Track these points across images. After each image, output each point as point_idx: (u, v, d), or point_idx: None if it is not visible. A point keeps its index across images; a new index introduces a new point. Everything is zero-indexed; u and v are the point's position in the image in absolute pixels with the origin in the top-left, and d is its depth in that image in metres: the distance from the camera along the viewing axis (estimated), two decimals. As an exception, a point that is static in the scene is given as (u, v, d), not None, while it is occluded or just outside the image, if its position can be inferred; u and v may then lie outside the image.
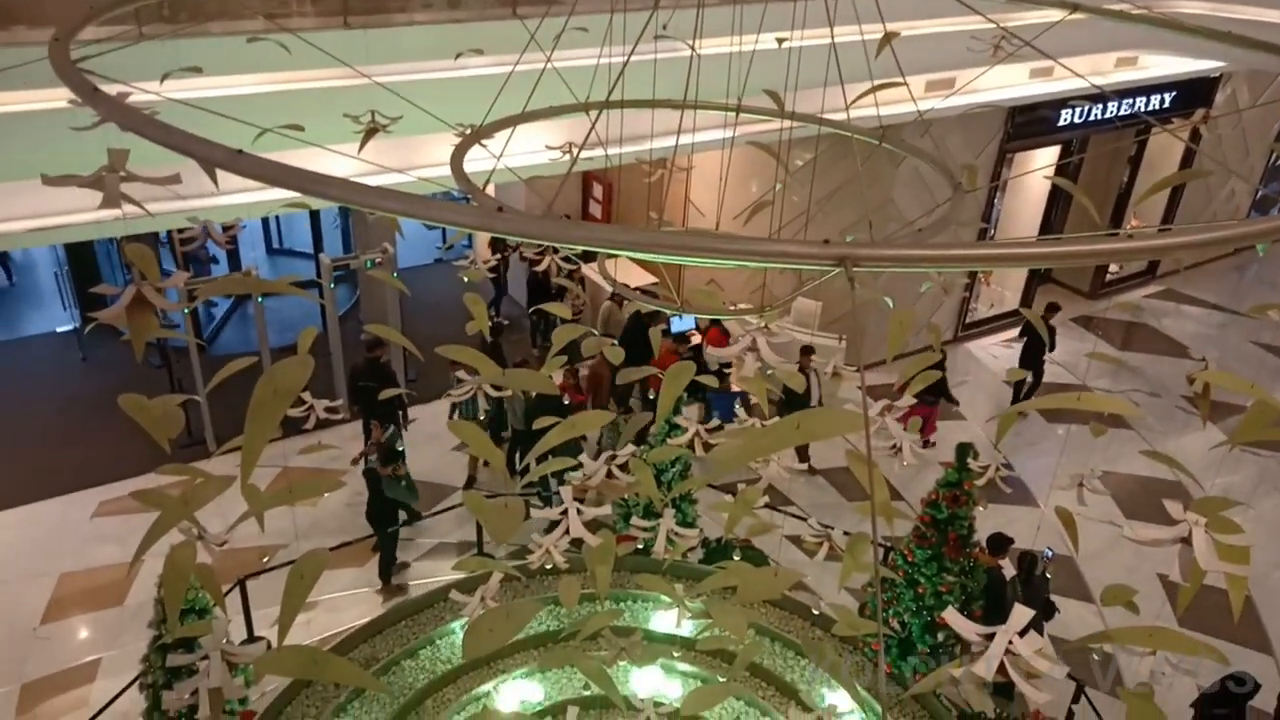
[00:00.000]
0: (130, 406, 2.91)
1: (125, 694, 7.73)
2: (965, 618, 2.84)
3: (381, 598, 9.75)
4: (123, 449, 11.35)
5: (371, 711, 7.86)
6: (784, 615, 9.15)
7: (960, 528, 7.71)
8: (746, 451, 2.17)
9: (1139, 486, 11.83)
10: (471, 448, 3.13)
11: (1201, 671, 7.27)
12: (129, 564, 2.63)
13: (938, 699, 8.09)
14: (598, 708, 7.85)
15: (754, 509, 4.80)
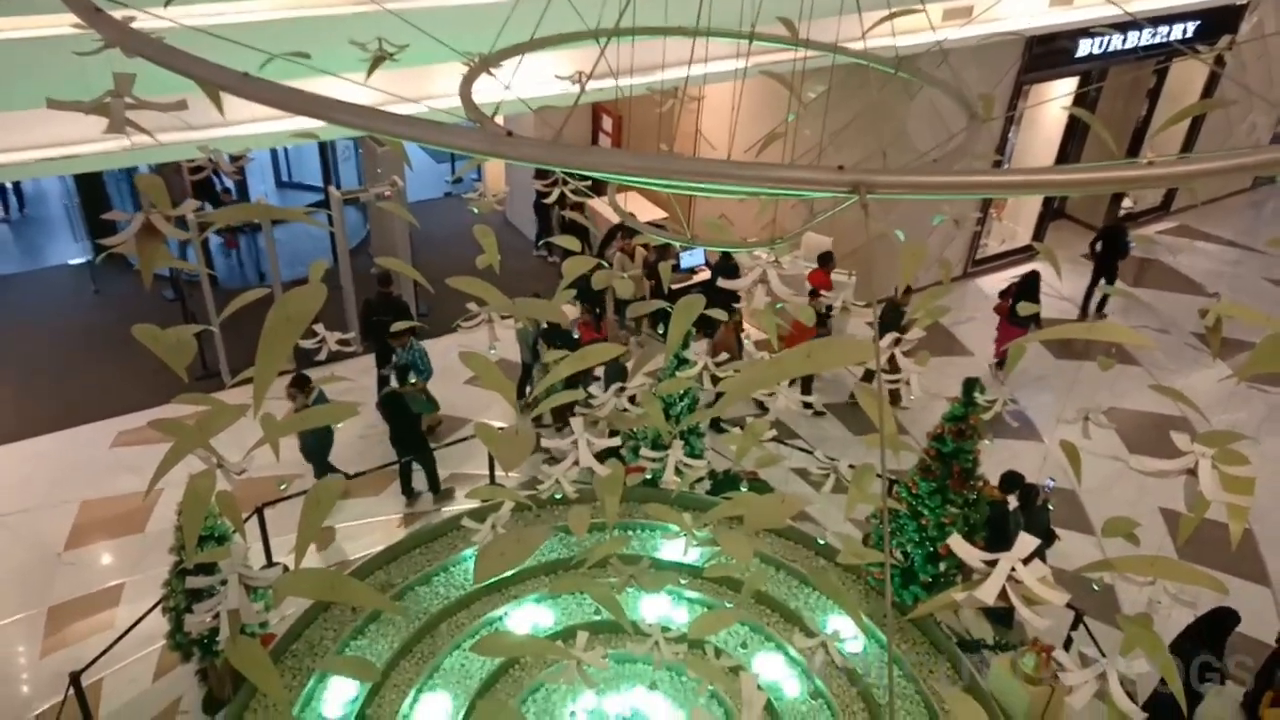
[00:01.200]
0: (144, 336, 2.95)
1: (149, 617, 7.96)
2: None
3: (396, 525, 9.92)
4: (138, 381, 11.48)
5: (387, 635, 8.07)
6: (789, 545, 9.31)
7: (965, 461, 7.78)
8: (755, 381, 2.20)
9: (1144, 422, 11.86)
10: (482, 381, 3.16)
11: (1200, 603, 7.38)
12: (147, 490, 2.70)
13: (938, 627, 8.26)
14: (607, 632, 8.04)
15: (761, 441, 4.85)
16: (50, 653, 8.34)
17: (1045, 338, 2.46)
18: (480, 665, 7.85)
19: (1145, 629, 2.97)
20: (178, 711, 7.79)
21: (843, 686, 7.82)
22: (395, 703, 7.49)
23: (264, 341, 2.18)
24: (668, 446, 5.87)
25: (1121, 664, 3.38)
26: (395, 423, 9.89)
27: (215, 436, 3.19)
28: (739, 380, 2.11)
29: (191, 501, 2.73)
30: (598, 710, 7.49)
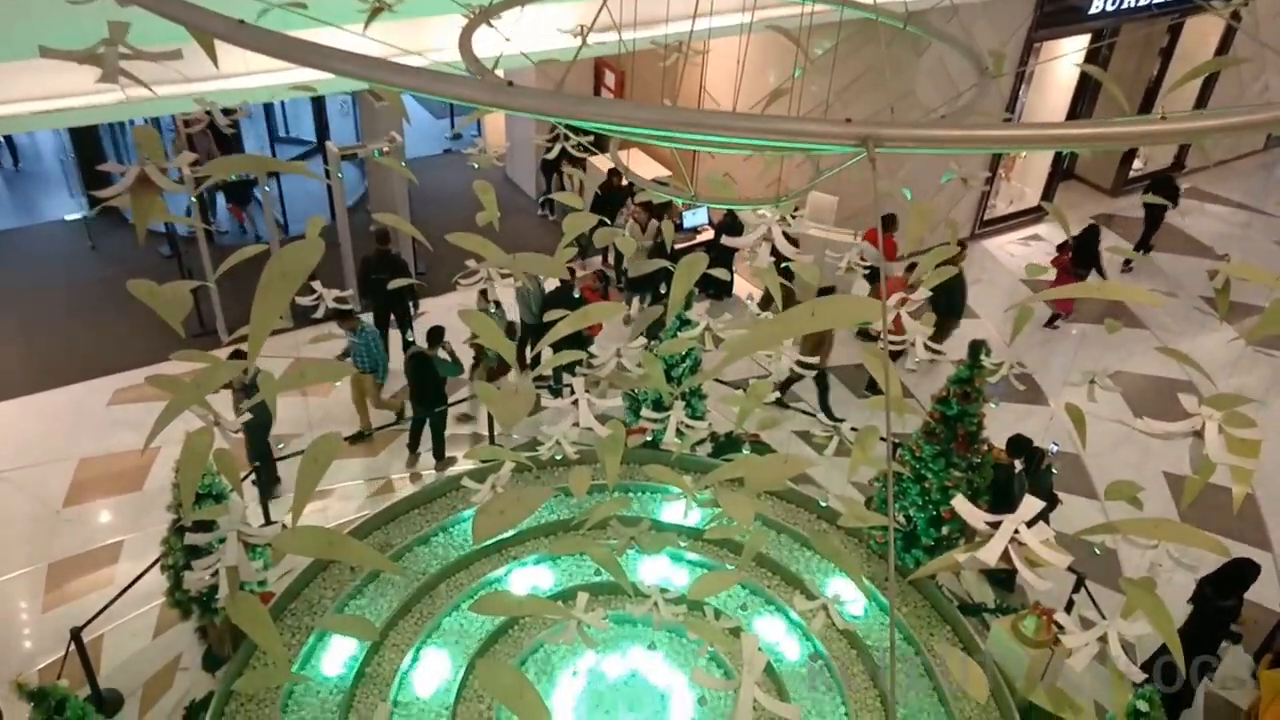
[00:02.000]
0: (140, 291, 2.89)
1: (148, 575, 7.99)
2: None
3: (395, 486, 9.92)
4: (136, 338, 11.43)
5: (386, 595, 8.10)
6: (790, 508, 9.31)
7: (969, 424, 7.74)
8: (759, 339, 2.14)
9: (1150, 385, 11.83)
10: (483, 339, 3.10)
11: (1202, 566, 7.38)
12: (144, 445, 2.65)
13: (940, 590, 8.29)
14: (607, 593, 8.07)
15: (764, 403, 4.81)
16: (51, 608, 8.38)
17: (1056, 296, 2.40)
18: (479, 625, 7.89)
19: (1147, 592, 2.94)
20: (178, 668, 7.84)
21: (843, 649, 7.86)
22: (395, 661, 7.54)
23: (259, 297, 2.13)
24: (669, 408, 5.84)
25: (1122, 626, 3.38)
26: (418, 383, 9.82)
27: (212, 394, 3.15)
28: (743, 338, 2.06)
29: (189, 459, 2.70)
30: (597, 670, 7.53)
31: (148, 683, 7.73)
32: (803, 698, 7.43)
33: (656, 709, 7.24)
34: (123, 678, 7.74)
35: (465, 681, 7.40)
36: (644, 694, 7.36)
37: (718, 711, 7.24)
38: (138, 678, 7.76)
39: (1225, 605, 7.50)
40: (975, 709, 7.41)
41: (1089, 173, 17.05)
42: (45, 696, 4.48)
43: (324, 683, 7.34)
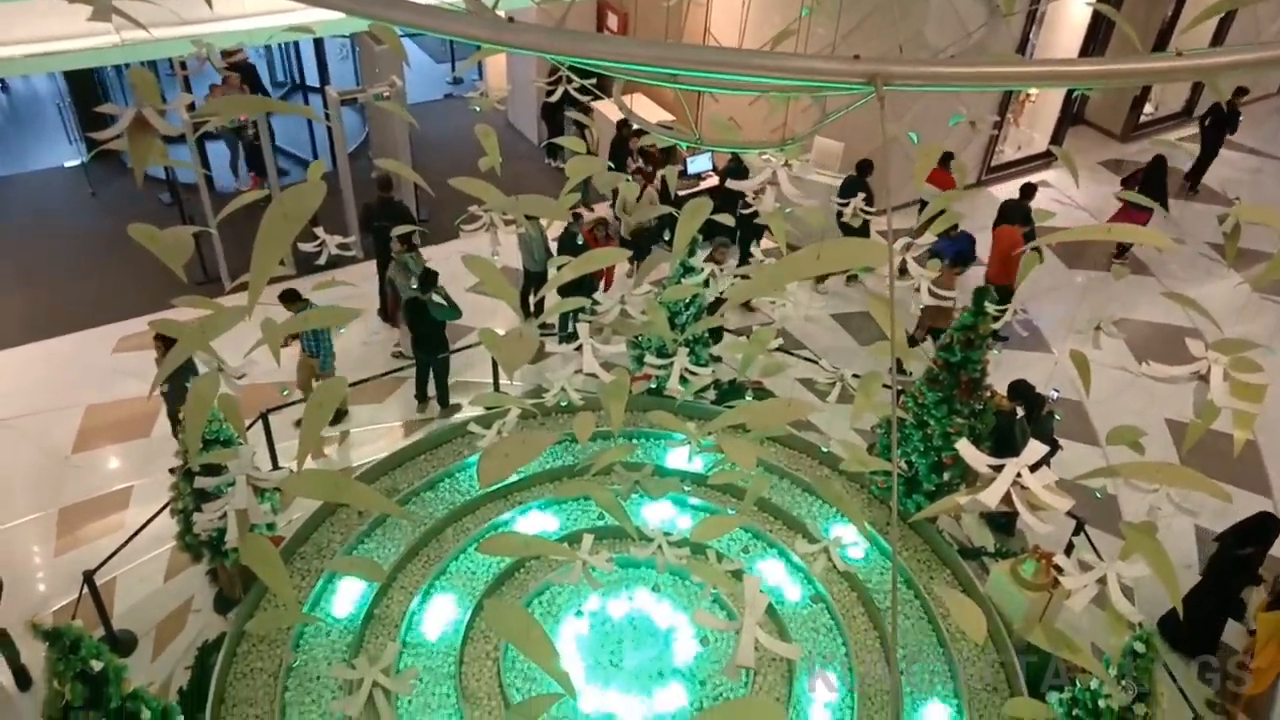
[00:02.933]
0: (141, 235, 2.87)
1: (158, 519, 8.08)
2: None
3: (401, 431, 9.98)
4: (139, 286, 11.42)
5: (394, 539, 8.20)
6: (793, 454, 9.37)
7: (972, 370, 7.74)
8: (766, 282, 2.14)
9: (1155, 333, 11.80)
10: (486, 286, 3.10)
11: (1203, 512, 7.45)
12: (150, 390, 2.67)
13: (940, 534, 8.37)
14: (611, 537, 8.16)
15: (767, 350, 4.81)
16: (63, 552, 8.50)
17: (1068, 239, 2.38)
18: (486, 568, 8.00)
19: (1147, 535, 2.97)
20: (190, 610, 7.97)
21: (844, 591, 7.96)
22: (403, 604, 7.65)
23: (260, 240, 2.12)
24: (673, 355, 5.84)
25: (1121, 568, 3.42)
26: (417, 328, 9.79)
27: (216, 341, 3.15)
28: (751, 281, 2.05)
29: (194, 405, 2.71)
30: (602, 612, 7.65)
31: (160, 624, 7.87)
32: (804, 639, 7.55)
33: (660, 650, 7.37)
34: (135, 619, 7.87)
35: (472, 622, 7.52)
36: (647, 635, 7.48)
37: (720, 652, 7.37)
38: (150, 619, 7.90)
39: (1244, 554, 7.57)
40: (974, 650, 7.53)
41: (1099, 117, 16.82)
42: (60, 636, 4.56)
43: (333, 624, 7.46)
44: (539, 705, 2.96)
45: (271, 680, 7.05)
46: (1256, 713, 7.55)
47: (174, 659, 7.54)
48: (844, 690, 7.19)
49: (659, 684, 7.12)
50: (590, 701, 6.98)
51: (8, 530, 8.56)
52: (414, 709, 6.91)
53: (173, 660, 7.53)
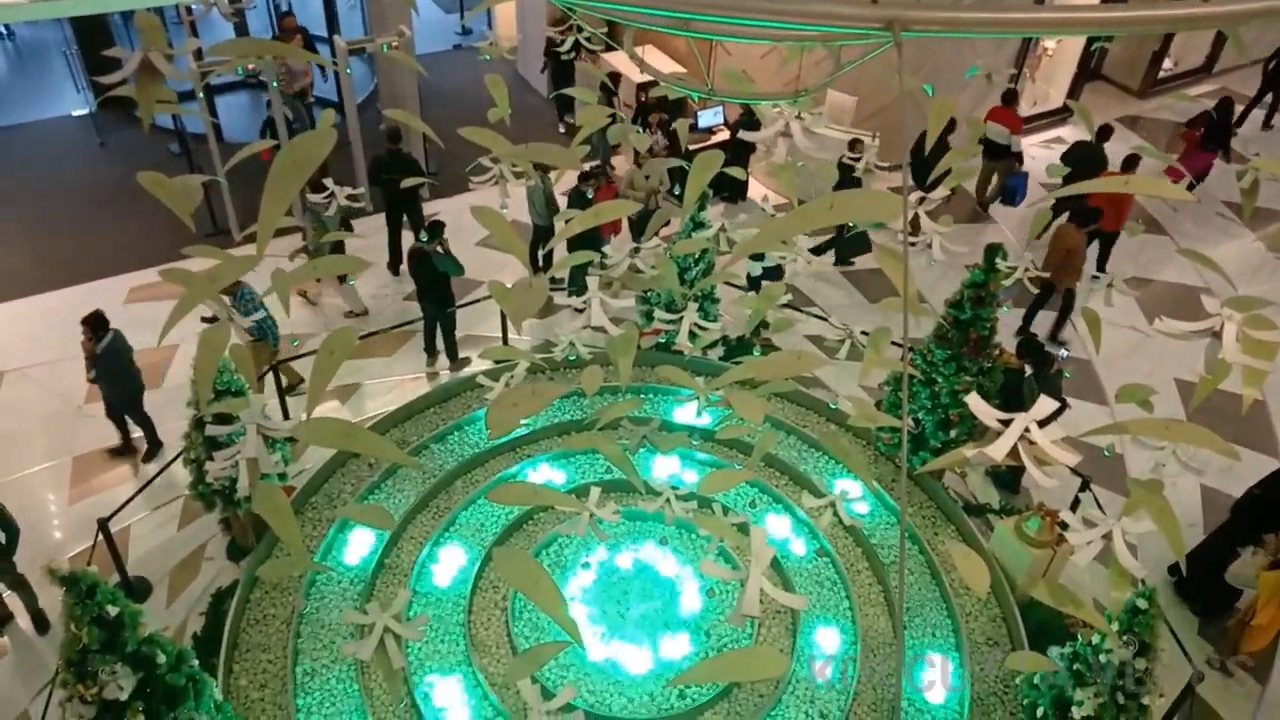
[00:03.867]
0: (150, 183, 2.87)
1: (171, 468, 8.17)
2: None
3: (411, 385, 10.02)
4: (148, 237, 11.42)
5: (404, 490, 8.28)
6: (800, 411, 9.39)
7: (982, 328, 7.71)
8: (774, 232, 2.12)
9: (1167, 292, 11.72)
10: (496, 238, 3.08)
11: (1209, 470, 7.46)
12: (159, 338, 2.68)
13: (945, 491, 8.40)
14: (619, 491, 8.22)
15: (776, 306, 4.80)
16: (78, 500, 8.61)
17: (1084, 191, 2.35)
18: (495, 520, 8.08)
19: (1154, 493, 2.98)
20: (203, 557, 8.09)
21: (848, 546, 8.02)
22: (413, 553, 7.75)
23: (270, 185, 2.12)
24: (682, 310, 5.84)
25: (1127, 524, 3.45)
26: (422, 280, 9.76)
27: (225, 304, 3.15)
28: (763, 231, 2.04)
29: (205, 353, 2.73)
30: (609, 564, 7.73)
31: (174, 571, 7.99)
32: (808, 592, 7.62)
33: (666, 601, 7.46)
34: (150, 566, 8.00)
35: (481, 572, 7.61)
36: (654, 586, 7.57)
37: (726, 604, 7.45)
38: (164, 567, 8.02)
39: (1254, 493, 7.62)
40: (976, 604, 7.60)
41: (1117, 73, 16.54)
42: (76, 581, 4.64)
43: (345, 572, 7.57)
44: (546, 652, 3.02)
45: (284, 627, 7.17)
46: (1255, 669, 7.63)
47: (188, 605, 7.67)
48: (847, 643, 7.28)
49: (664, 634, 7.21)
50: (596, 651, 7.09)
51: (23, 478, 8.66)
52: (423, 655, 7.03)
53: (187, 606, 7.66)
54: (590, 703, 6.74)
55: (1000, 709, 6.90)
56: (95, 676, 4.73)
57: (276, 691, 6.78)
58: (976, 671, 7.09)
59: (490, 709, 6.74)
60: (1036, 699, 6.09)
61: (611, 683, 6.91)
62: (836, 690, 6.96)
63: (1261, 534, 7.54)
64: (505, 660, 7.04)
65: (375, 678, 6.83)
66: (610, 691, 6.86)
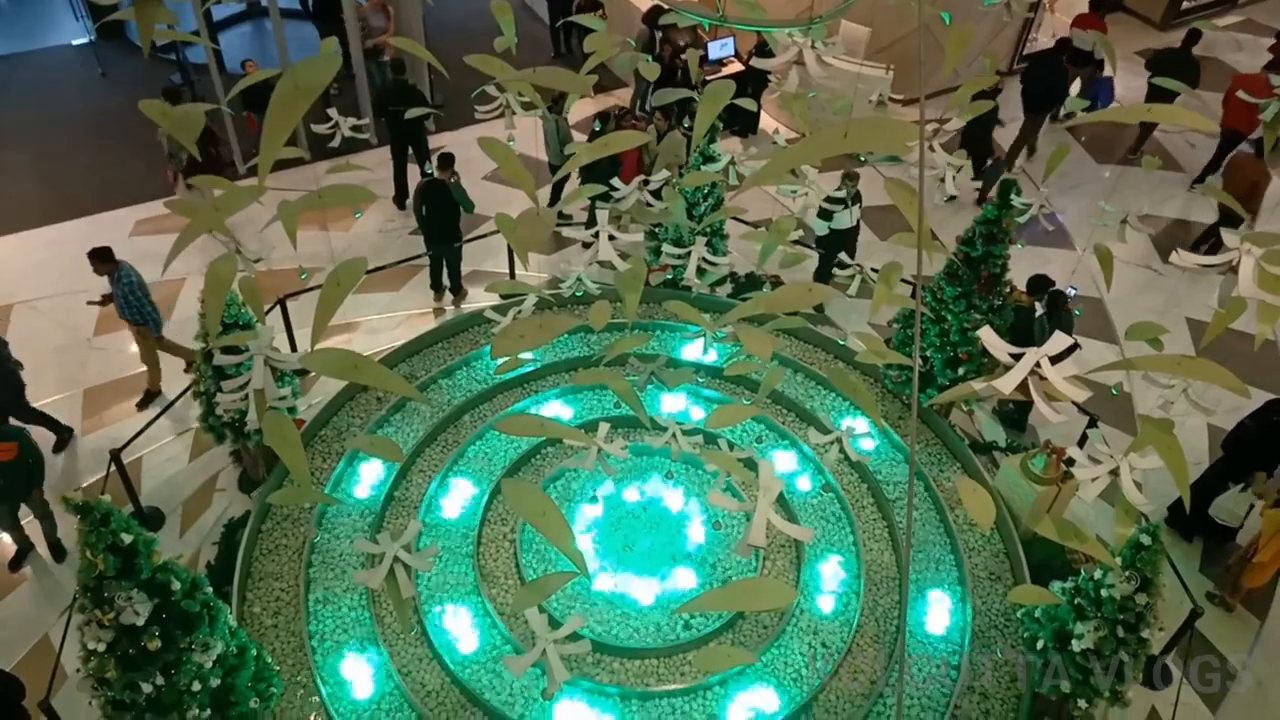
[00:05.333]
0: (151, 111, 2.83)
1: (181, 401, 8.23)
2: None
3: (418, 320, 10.01)
4: (153, 169, 11.32)
5: (412, 424, 8.33)
6: (808, 349, 9.37)
7: (993, 265, 7.64)
8: (789, 159, 2.08)
9: (1181, 230, 11.57)
10: (503, 170, 3.04)
11: (1218, 410, 7.44)
12: (163, 268, 2.66)
13: (952, 429, 8.42)
14: (626, 427, 8.25)
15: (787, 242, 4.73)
16: (90, 432, 8.69)
17: (1108, 119, 2.29)
18: (503, 454, 8.14)
19: (1164, 430, 2.97)
20: (215, 489, 8.19)
21: (853, 482, 8.08)
22: (421, 486, 7.83)
23: (272, 111, 2.08)
24: (690, 245, 5.78)
25: (1134, 460, 3.43)
26: (430, 215, 9.66)
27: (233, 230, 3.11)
28: (774, 160, 2.00)
29: (213, 284, 2.71)
30: (616, 498, 7.80)
31: (186, 502, 8.09)
32: (813, 527, 7.70)
33: (672, 535, 7.54)
34: (162, 497, 8.10)
35: (490, 505, 7.70)
36: (661, 521, 7.65)
37: (732, 538, 7.54)
38: (176, 498, 8.13)
39: (1246, 424, 7.64)
40: (980, 540, 7.67)
41: (1137, 3, 16.09)
42: (91, 510, 4.70)
43: (355, 505, 7.66)
44: (553, 582, 3.05)
45: (296, 556, 7.28)
46: (1254, 605, 7.72)
47: (200, 535, 7.79)
48: (850, 576, 7.37)
49: (670, 567, 7.31)
50: (603, 583, 7.19)
51: (36, 409, 8.73)
52: (433, 586, 7.15)
53: (199, 536, 7.78)
54: (597, 632, 6.87)
55: (1001, 641, 7.01)
56: (112, 602, 4.82)
57: (290, 619, 6.92)
58: (978, 605, 7.19)
59: (499, 637, 6.87)
60: (1037, 632, 6.18)
61: (618, 614, 7.03)
62: (839, 622, 7.08)
63: (1251, 469, 7.58)
64: (513, 591, 7.16)
65: (386, 606, 6.96)
66: (616, 622, 6.98)
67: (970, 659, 6.85)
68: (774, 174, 2.17)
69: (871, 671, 6.81)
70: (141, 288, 8.47)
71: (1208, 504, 8.06)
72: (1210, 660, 7.34)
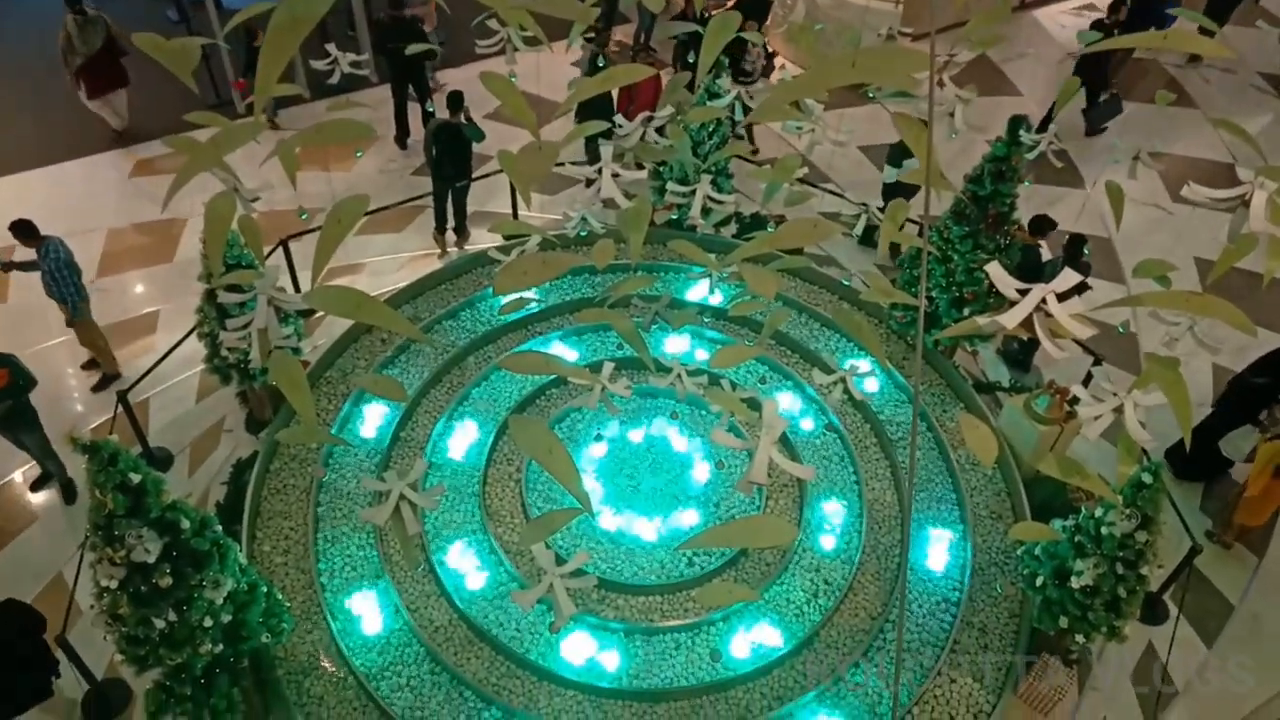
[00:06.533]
0: (146, 44, 2.77)
1: (187, 343, 8.23)
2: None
3: (421, 261, 9.97)
4: (150, 108, 11.19)
5: (417, 365, 8.35)
6: (812, 290, 9.33)
7: (1001, 204, 7.55)
8: (797, 88, 2.03)
9: (1191, 168, 11.42)
10: (506, 107, 2.98)
11: (1223, 349, 7.41)
12: (163, 206, 2.64)
13: (956, 369, 8.42)
14: (631, 368, 8.26)
15: (792, 180, 4.68)
16: (97, 373, 8.71)
17: (1121, 45, 2.24)
18: (508, 395, 8.16)
19: (1169, 368, 2.95)
20: (222, 430, 8.24)
21: (857, 422, 8.11)
22: (427, 427, 7.87)
23: (268, 42, 2.04)
24: (695, 183, 5.72)
25: (1138, 397, 3.44)
26: (442, 155, 9.52)
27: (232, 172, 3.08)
28: (781, 88, 1.96)
29: (213, 222, 2.69)
30: (620, 437, 7.84)
31: (194, 443, 8.15)
32: (816, 467, 7.74)
33: (676, 474, 7.60)
34: (170, 438, 8.16)
35: (495, 445, 7.75)
36: (665, 460, 7.70)
37: (735, 476, 7.59)
38: (184, 438, 8.19)
39: (1259, 382, 7.60)
40: (981, 479, 7.72)
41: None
42: (99, 449, 4.73)
43: (361, 445, 7.72)
44: (558, 519, 3.07)
45: (304, 496, 7.36)
46: (1253, 543, 7.79)
47: (209, 475, 7.86)
48: (852, 514, 7.44)
49: (674, 507, 7.38)
50: (608, 521, 7.27)
51: (42, 351, 8.75)
52: (439, 524, 7.23)
53: (208, 477, 7.86)
54: (602, 569, 6.96)
55: (1001, 578, 7.10)
56: (122, 540, 4.88)
57: (299, 556, 7.02)
58: (979, 543, 7.27)
59: (506, 575, 6.97)
60: (1037, 569, 6.25)
61: (623, 552, 7.12)
62: (841, 560, 7.16)
63: (1257, 413, 7.59)
64: (519, 529, 7.24)
65: (393, 545, 7.06)
66: (621, 559, 7.07)
67: (970, 595, 6.95)
68: (778, 108, 2.13)
69: (872, 608, 6.91)
70: (69, 266, 7.98)
71: (1212, 445, 8.08)
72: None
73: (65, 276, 7.98)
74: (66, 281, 7.99)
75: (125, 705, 6.50)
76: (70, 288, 8.04)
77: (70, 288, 8.04)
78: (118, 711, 6.47)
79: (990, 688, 6.52)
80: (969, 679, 6.53)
